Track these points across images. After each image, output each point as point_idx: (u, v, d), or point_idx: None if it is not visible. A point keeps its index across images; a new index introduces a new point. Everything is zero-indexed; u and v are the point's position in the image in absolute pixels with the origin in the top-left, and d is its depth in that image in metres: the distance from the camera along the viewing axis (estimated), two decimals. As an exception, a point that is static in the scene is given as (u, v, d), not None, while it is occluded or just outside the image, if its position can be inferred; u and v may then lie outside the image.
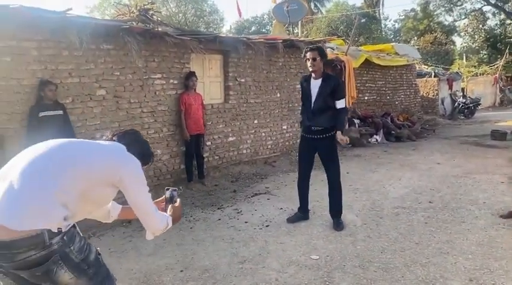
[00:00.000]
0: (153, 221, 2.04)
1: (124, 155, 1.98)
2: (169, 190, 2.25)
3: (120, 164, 1.93)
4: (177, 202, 2.25)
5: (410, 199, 5.58)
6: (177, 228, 4.71)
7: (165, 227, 2.08)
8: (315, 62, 4.30)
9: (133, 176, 1.95)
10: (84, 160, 1.87)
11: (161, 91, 6.18)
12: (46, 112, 4.60)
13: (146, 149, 2.18)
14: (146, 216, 2.02)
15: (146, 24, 5.51)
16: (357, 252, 3.89)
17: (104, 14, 18.82)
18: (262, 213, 5.11)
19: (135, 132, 2.21)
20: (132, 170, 1.95)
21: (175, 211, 2.22)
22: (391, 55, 13.36)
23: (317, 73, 4.38)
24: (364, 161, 8.41)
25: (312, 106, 4.45)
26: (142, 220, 2.03)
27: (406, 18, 38.95)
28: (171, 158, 6.41)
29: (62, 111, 4.76)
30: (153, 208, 2.04)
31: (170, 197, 2.24)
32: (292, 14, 9.27)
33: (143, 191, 1.99)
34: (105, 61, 5.42)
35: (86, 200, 1.88)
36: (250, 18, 39.46)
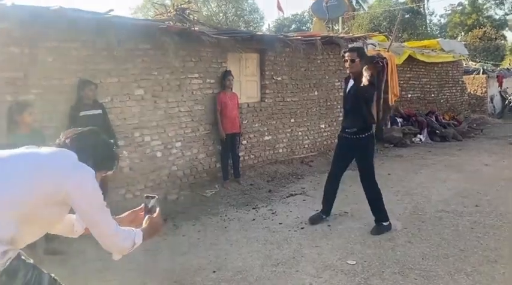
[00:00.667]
0: (113, 241, 1.74)
1: (69, 166, 1.67)
2: (150, 199, 1.97)
3: (62, 179, 1.63)
4: (156, 212, 1.95)
5: (455, 202, 5.29)
6: (212, 227, 4.72)
7: (131, 245, 1.76)
8: (353, 63, 4.21)
9: (83, 191, 1.66)
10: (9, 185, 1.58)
11: (198, 91, 6.19)
12: (86, 112, 4.70)
13: (106, 153, 1.88)
14: (103, 236, 1.72)
15: (183, 23, 5.53)
16: (397, 258, 3.71)
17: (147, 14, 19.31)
18: (298, 214, 5.01)
19: (93, 132, 1.89)
20: (79, 183, 1.65)
21: (152, 223, 1.90)
22: (436, 51, 12.81)
23: (355, 74, 4.27)
24: (406, 162, 8.09)
25: (348, 106, 4.45)
26: (100, 241, 1.73)
27: (453, 13, 37.40)
28: (207, 157, 6.42)
29: (101, 110, 4.86)
30: (112, 226, 1.73)
31: (150, 207, 1.96)
32: (331, 10, 9.07)
33: (97, 206, 1.69)
34: (143, 61, 5.49)
35: (28, 224, 1.63)
36: (290, 16, 39.24)
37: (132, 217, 2.03)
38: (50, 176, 1.64)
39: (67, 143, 1.78)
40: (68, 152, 1.73)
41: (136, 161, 5.45)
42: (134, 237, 1.78)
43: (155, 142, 5.70)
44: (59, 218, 1.80)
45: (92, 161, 1.75)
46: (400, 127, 10.51)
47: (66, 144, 1.77)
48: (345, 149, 4.50)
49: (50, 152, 1.73)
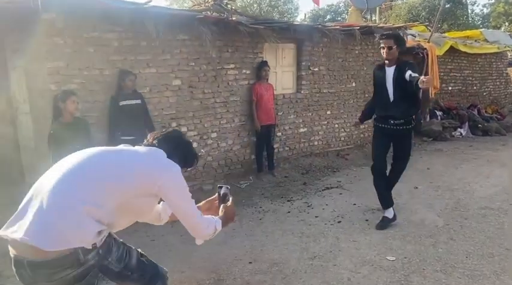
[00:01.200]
0: (199, 228, 1.96)
1: (161, 163, 1.89)
2: (223, 188, 2.14)
3: (157, 174, 1.84)
4: (229, 201, 2.14)
5: (500, 199, 5.07)
6: (247, 218, 4.71)
7: (213, 232, 1.98)
8: (390, 51, 4.01)
9: (173, 185, 1.86)
10: (115, 173, 1.80)
11: (234, 82, 6.17)
12: (126, 102, 4.77)
13: (189, 151, 2.09)
14: (190, 224, 1.94)
15: (221, 13, 5.50)
16: (439, 255, 3.58)
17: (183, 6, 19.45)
18: (334, 208, 4.93)
19: (177, 134, 2.12)
20: (170, 178, 1.86)
21: (227, 211, 2.11)
22: (479, 42, 12.25)
23: (392, 61, 4.09)
24: (446, 157, 7.82)
25: (392, 96, 4.13)
26: (188, 228, 1.96)
27: (497, 3, 35.68)
28: (241, 148, 6.41)
29: (140, 100, 4.92)
30: (197, 215, 1.95)
31: (223, 196, 2.14)
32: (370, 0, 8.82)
33: (185, 198, 1.90)
34: (180, 51, 5.51)
35: (124, 212, 1.83)
36: (325, 7, 38.61)
37: (208, 206, 2.23)
38: (147, 172, 1.84)
39: (155, 144, 1.99)
40: (159, 152, 1.94)
41: (172, 151, 5.50)
42: (215, 225, 1.99)
43: (191, 132, 5.74)
44: (150, 208, 2.01)
45: (178, 158, 1.94)
46: (439, 121, 10.16)
47: (154, 144, 1.99)
48: (387, 140, 4.31)
49: (145, 151, 1.94)
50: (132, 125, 4.66)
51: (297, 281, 3.22)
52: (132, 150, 1.96)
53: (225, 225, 2.06)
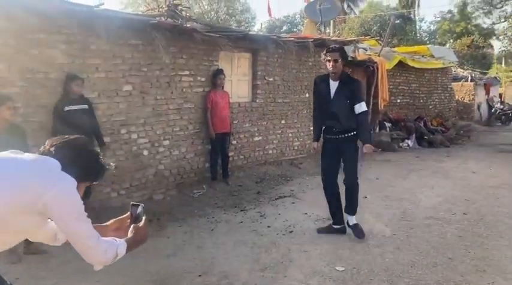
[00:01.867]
0: (93, 254, 1.65)
1: (49, 175, 1.60)
2: (138, 207, 1.88)
3: (42, 189, 1.55)
4: (142, 221, 1.88)
5: (444, 209, 5.28)
6: (199, 229, 4.62)
7: (113, 257, 1.69)
8: (336, 64, 4.09)
9: (62, 202, 1.57)
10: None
11: (188, 89, 6.09)
12: (71, 107, 4.55)
13: (92, 163, 1.77)
14: (83, 248, 1.64)
15: (175, 19, 5.42)
16: (386, 265, 3.66)
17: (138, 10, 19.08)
18: (286, 217, 4.94)
19: (81, 141, 1.80)
20: (59, 194, 1.57)
21: (138, 233, 1.83)
22: (426, 57, 12.89)
23: (337, 74, 4.18)
24: (394, 167, 8.09)
25: (332, 108, 4.23)
26: (80, 253, 1.66)
27: (443, 20, 37.82)
28: (195, 156, 6.31)
29: (87, 105, 4.72)
30: (93, 238, 1.64)
31: (136, 216, 1.88)
32: (324, 13, 9.02)
33: (77, 218, 1.61)
34: (132, 56, 5.37)
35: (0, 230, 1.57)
36: (282, 18, 39.20)
37: (117, 225, 1.94)
38: (29, 186, 1.56)
39: (51, 151, 1.69)
40: (51, 162, 1.65)
41: (121, 159, 5.32)
42: (117, 249, 1.70)
43: (142, 139, 5.58)
44: (35, 227, 1.71)
45: (76, 171, 1.66)
46: (388, 132, 10.55)
47: (51, 152, 1.69)
48: (335, 150, 4.35)
49: (33, 160, 1.65)
50: (78, 132, 4.43)
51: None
52: (15, 158, 1.65)
53: (133, 248, 1.78)
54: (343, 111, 4.19)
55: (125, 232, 1.85)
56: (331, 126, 4.31)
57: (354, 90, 4.19)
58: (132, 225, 1.85)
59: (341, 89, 4.18)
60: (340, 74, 4.19)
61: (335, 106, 4.21)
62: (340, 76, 4.19)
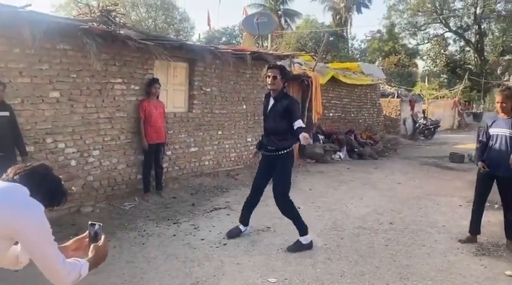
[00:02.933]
0: (59, 276, 1.74)
1: (21, 203, 1.69)
2: (95, 225, 1.94)
3: (13, 217, 1.65)
4: (101, 239, 1.95)
5: (372, 219, 5.52)
6: (129, 243, 4.44)
7: (76, 278, 1.78)
8: (275, 80, 4.17)
9: (33, 228, 1.67)
10: None
11: (121, 97, 5.88)
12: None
13: (56, 188, 1.88)
14: (50, 271, 1.73)
15: (108, 26, 5.23)
16: (317, 275, 3.73)
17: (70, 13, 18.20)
18: (221, 230, 4.89)
19: (44, 168, 1.90)
20: (31, 220, 1.67)
21: (98, 252, 1.90)
22: (357, 74, 13.55)
23: (275, 91, 4.26)
24: (327, 178, 8.35)
25: (268, 124, 4.40)
26: (46, 275, 1.74)
27: (372, 39, 40.11)
28: (127, 167, 6.09)
29: (8, 112, 4.40)
30: (59, 261, 1.73)
31: (95, 234, 1.94)
32: (261, 27, 9.20)
33: (46, 242, 1.71)
34: (61, 62, 5.10)
35: None
36: (221, 29, 39.45)
37: (76, 245, 2.00)
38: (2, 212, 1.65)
39: (16, 179, 1.77)
40: (21, 189, 1.73)
41: (47, 169, 4.99)
42: (80, 270, 1.79)
43: (70, 149, 5.29)
44: (3, 251, 1.79)
45: (41, 197, 1.76)
46: (321, 144, 10.88)
47: (15, 180, 1.77)
48: (267, 165, 4.46)
49: (4, 187, 1.73)
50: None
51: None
52: None
53: (94, 267, 1.87)
54: (276, 128, 4.28)
55: (85, 251, 1.92)
56: (266, 143, 4.41)
57: (287, 108, 4.17)
58: (92, 244, 1.91)
59: (275, 106, 4.25)
60: (278, 92, 4.24)
61: (270, 123, 4.35)
62: (278, 94, 4.25)
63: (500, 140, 4.39)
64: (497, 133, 4.43)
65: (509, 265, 4.09)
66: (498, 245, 4.66)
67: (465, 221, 5.49)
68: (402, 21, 35.01)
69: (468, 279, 3.75)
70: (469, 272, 3.90)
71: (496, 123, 4.48)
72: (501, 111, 4.42)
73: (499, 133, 4.40)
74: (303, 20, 38.32)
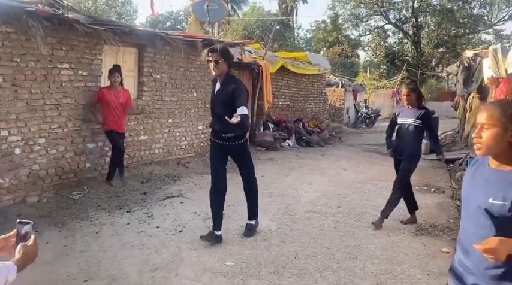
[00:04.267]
0: None
1: None
2: (24, 225, 1.72)
3: None
4: (30, 239, 1.72)
5: (321, 203, 5.78)
6: (81, 232, 4.35)
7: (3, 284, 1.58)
8: (217, 65, 3.93)
9: None
10: None
11: (68, 83, 5.66)
12: None
13: None
14: None
15: (54, 8, 5.00)
16: (272, 257, 3.89)
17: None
18: (175, 217, 4.91)
19: None
20: None
21: (26, 252, 1.69)
22: (304, 63, 13.86)
23: (221, 76, 4.05)
24: (277, 165, 8.56)
25: (217, 109, 4.16)
26: None
27: (317, 29, 40.96)
28: (75, 156, 5.90)
29: None
30: None
31: (24, 234, 1.72)
32: (212, 14, 9.15)
33: None
34: (3, 45, 4.82)
35: None
36: (165, 13, 38.57)
37: (1, 244, 1.74)
38: None
39: None
40: None
41: (-11, 158, 4.75)
42: (8, 275, 1.57)
43: (14, 137, 5.04)
44: None
45: None
46: (271, 132, 11.10)
47: None
48: (221, 155, 4.26)
49: None
50: None
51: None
52: None
53: (22, 268, 1.65)
54: (226, 114, 3.94)
55: (10, 252, 1.70)
56: (218, 130, 4.18)
57: (234, 92, 3.99)
58: (20, 244, 1.69)
59: (222, 91, 4.06)
60: (224, 76, 4.05)
61: (219, 108, 4.10)
62: (224, 79, 4.05)
63: (405, 128, 4.77)
64: (403, 122, 4.81)
65: (445, 243, 4.48)
66: (435, 225, 5.06)
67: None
68: (345, 12, 35.96)
69: (410, 257, 4.07)
70: (411, 250, 4.23)
71: (403, 113, 4.88)
72: (407, 102, 4.82)
73: (404, 122, 4.78)
74: (250, 7, 38.34)
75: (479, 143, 1.71)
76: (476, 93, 10.66)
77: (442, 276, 3.64)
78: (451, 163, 9.19)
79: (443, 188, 7.07)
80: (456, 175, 8.04)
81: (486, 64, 8.42)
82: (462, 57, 11.50)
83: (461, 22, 32.40)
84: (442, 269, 3.79)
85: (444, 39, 34.08)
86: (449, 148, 11.70)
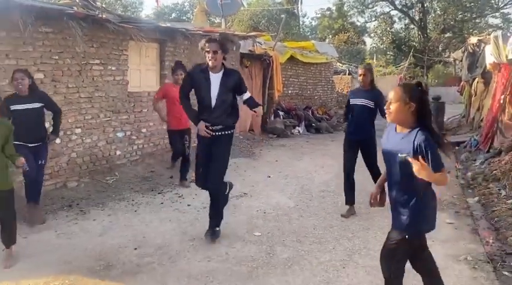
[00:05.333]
0: None
1: None
2: None
3: None
4: None
5: (334, 184, 6.26)
6: (122, 211, 4.89)
7: None
8: (216, 55, 3.84)
9: None
10: None
11: (99, 77, 6.17)
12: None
13: None
14: None
15: (88, 9, 5.48)
16: (293, 229, 4.40)
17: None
18: (203, 197, 5.38)
19: None
20: None
21: None
22: (312, 52, 14.25)
23: (216, 67, 3.91)
24: (290, 151, 9.05)
25: (214, 101, 3.94)
26: None
27: (323, 17, 40.98)
28: (107, 144, 6.43)
29: (39, 103, 4.50)
30: None
31: None
32: (225, 8, 9.58)
33: None
34: (43, 44, 5.32)
35: None
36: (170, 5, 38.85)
37: None
38: None
39: None
40: None
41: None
42: None
43: (55, 128, 5.56)
44: None
45: None
46: (282, 120, 11.56)
47: None
48: (207, 147, 4.06)
49: None
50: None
51: (183, 259, 3.64)
52: None
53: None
54: (224, 105, 3.97)
55: None
56: (208, 122, 3.97)
57: (238, 81, 4.01)
58: None
59: (225, 82, 3.93)
60: (221, 67, 3.96)
61: (218, 100, 3.93)
62: (221, 69, 3.96)
63: (359, 109, 4.86)
64: (356, 102, 4.90)
65: (449, 215, 4.97)
66: (440, 201, 5.50)
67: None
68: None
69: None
70: (417, 221, 4.71)
71: (356, 94, 5.02)
72: (362, 83, 4.94)
73: (358, 103, 4.88)
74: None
75: (389, 113, 2.45)
76: (480, 78, 11.01)
77: (445, 243, 4.15)
78: (457, 146, 9.63)
79: (449, 168, 7.45)
80: (461, 157, 8.49)
81: (488, 50, 8.78)
82: (467, 43, 11.83)
83: (468, 6, 32.33)
84: (446, 236, 4.30)
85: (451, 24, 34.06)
86: (455, 131, 12.11)
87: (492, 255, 3.89)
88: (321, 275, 3.41)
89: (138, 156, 6.96)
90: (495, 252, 3.94)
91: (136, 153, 6.91)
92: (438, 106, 11.97)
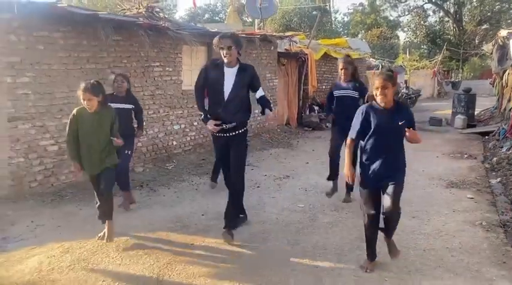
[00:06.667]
0: None
1: None
2: None
3: None
4: None
5: (367, 168, 6.95)
6: (185, 189, 5.78)
7: None
8: (230, 51, 3.83)
9: None
10: None
11: (159, 78, 7.13)
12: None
13: None
14: None
15: (151, 19, 6.44)
16: (332, 202, 5.17)
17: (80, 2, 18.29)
18: (251, 178, 6.25)
19: None
20: None
21: None
22: (345, 49, 14.84)
23: (231, 63, 3.92)
24: (325, 142, 9.69)
25: (227, 95, 3.94)
26: None
27: (355, 12, 41.09)
28: (165, 135, 7.39)
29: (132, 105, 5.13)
30: None
31: None
32: (264, 11, 10.38)
33: None
34: (115, 50, 6.31)
35: None
36: (203, 6, 40.01)
37: None
38: None
39: None
40: None
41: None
42: None
43: (124, 121, 6.56)
44: None
45: None
46: (316, 114, 12.26)
47: None
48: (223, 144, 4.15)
49: None
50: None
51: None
52: None
53: None
54: (236, 100, 3.97)
55: None
56: (218, 117, 3.97)
57: (253, 76, 4.03)
58: None
59: (241, 76, 3.94)
60: (236, 61, 3.96)
61: (231, 95, 3.94)
62: (237, 63, 3.97)
63: (345, 99, 5.08)
64: (341, 94, 5.15)
65: (470, 191, 5.60)
66: (464, 181, 6.14)
67: (440, 167, 7.02)
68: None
69: (440, 201, 5.23)
70: (441, 197, 5.40)
71: (339, 86, 5.24)
72: (344, 76, 5.11)
73: (343, 94, 5.12)
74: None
75: (385, 97, 3.19)
76: (511, 69, 11.33)
77: (464, 212, 4.82)
78: (486, 135, 10.08)
79: (475, 155, 8.06)
80: (489, 145, 8.97)
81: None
82: (497, 37, 12.14)
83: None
84: (465, 208, 4.96)
85: (487, 15, 33.56)
86: (487, 122, 12.47)
87: (505, 221, 4.52)
88: (356, 234, 4.17)
89: (191, 146, 7.89)
90: (509, 220, 4.57)
91: (189, 144, 7.85)
92: (469, 98, 12.36)
